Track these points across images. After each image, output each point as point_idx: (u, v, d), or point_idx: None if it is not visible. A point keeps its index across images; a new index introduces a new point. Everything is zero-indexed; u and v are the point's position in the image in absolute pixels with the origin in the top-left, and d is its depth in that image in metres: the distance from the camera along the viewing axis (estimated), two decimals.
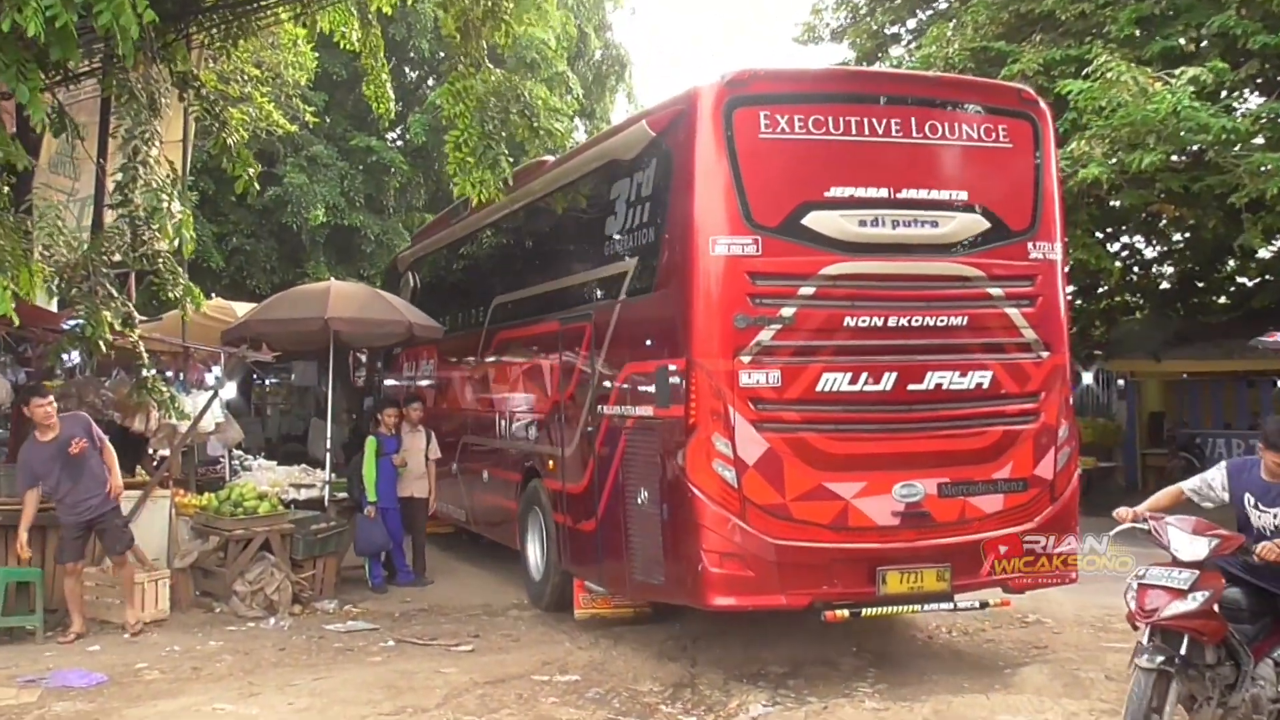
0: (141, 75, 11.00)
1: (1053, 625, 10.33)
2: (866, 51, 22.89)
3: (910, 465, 8.64)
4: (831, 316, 8.57)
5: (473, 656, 9.27)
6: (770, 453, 8.37)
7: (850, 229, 8.66)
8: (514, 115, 11.67)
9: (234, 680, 8.44)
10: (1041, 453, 9.06)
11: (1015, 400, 9.03)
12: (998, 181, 9.30)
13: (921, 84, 10.46)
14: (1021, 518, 8.92)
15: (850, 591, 8.49)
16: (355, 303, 12.93)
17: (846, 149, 8.84)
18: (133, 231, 11.27)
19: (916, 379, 8.70)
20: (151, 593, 10.48)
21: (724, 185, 8.59)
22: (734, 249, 8.49)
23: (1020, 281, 9.12)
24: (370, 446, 12.34)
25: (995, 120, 9.28)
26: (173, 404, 11.71)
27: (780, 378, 8.45)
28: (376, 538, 12.20)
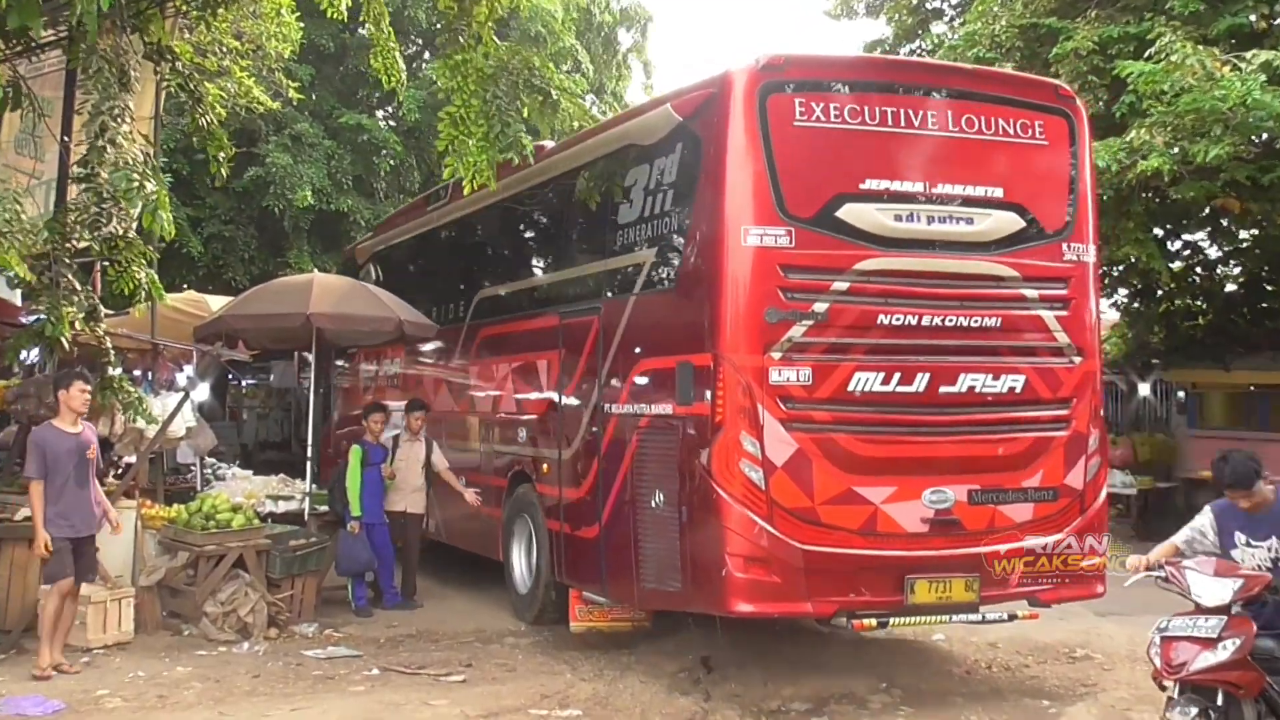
0: (111, 46, 11.00)
1: (1102, 661, 10.31)
2: (905, 28, 22.84)
3: (941, 470, 9.01)
4: (865, 313, 8.87)
5: (464, 688, 9.26)
6: (799, 454, 8.65)
7: (886, 223, 8.97)
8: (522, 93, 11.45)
9: (203, 710, 8.44)
10: (1072, 462, 9.43)
11: (1047, 406, 9.41)
12: (1033, 179, 9.67)
13: (958, 75, 10.70)
14: (1051, 528, 9.28)
15: (878, 600, 8.84)
16: (340, 297, 12.92)
17: (882, 140, 9.15)
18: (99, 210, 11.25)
19: (949, 381, 9.05)
20: (114, 613, 10.46)
21: (757, 173, 8.81)
22: (766, 240, 8.74)
23: (1054, 284, 9.47)
24: (355, 456, 12.31)
25: (1031, 115, 9.62)
26: (140, 406, 11.73)
27: (811, 376, 8.75)
28: (360, 556, 12.15)
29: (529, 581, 11.81)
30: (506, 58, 11.60)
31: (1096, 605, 12.84)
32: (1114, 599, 12.26)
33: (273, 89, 19.45)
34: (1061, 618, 12.31)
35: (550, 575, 11.33)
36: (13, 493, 11.51)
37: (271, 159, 23.63)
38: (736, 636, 11.10)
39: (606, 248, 10.73)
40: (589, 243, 11.36)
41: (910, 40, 23.10)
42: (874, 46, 23.25)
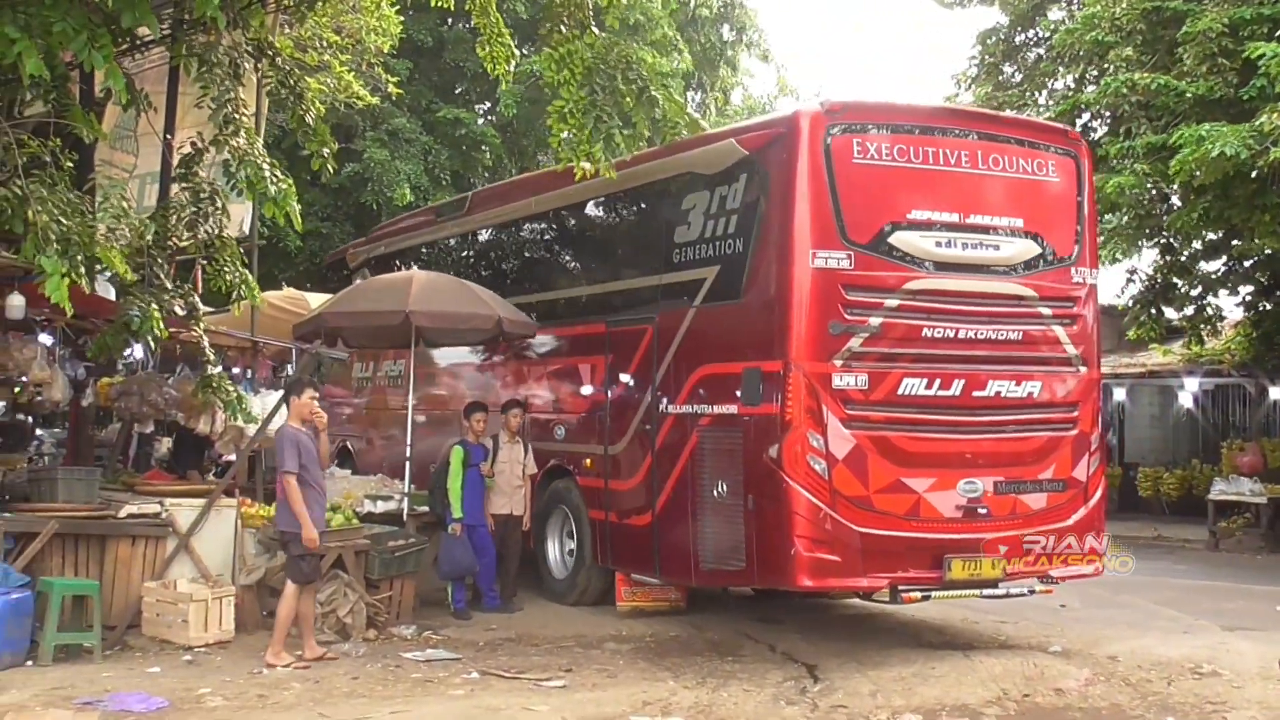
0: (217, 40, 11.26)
1: (1231, 678, 10.07)
2: (1021, 14, 22.60)
3: (971, 464, 10.70)
4: (912, 327, 10.54)
5: (564, 693, 9.28)
6: (857, 449, 10.25)
7: (929, 248, 10.65)
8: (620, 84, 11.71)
9: (303, 710, 8.54)
10: (1078, 457, 11.24)
11: (1058, 409, 11.21)
12: (1047, 211, 11.41)
13: (985, 120, 12.34)
14: (1061, 515, 11.05)
15: (921, 576, 10.39)
16: (440, 294, 12.99)
17: (925, 176, 10.80)
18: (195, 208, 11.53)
19: (980, 386, 10.75)
20: (215, 611, 10.66)
21: (822, 204, 10.39)
22: (830, 262, 10.30)
23: (1065, 303, 11.28)
24: (456, 456, 12.38)
25: (1046, 156, 11.46)
26: (239, 405, 11.93)
27: (867, 381, 10.33)
28: (462, 559, 12.22)
29: (566, 568, 13.22)
30: (605, 50, 11.83)
31: (1226, 620, 12.68)
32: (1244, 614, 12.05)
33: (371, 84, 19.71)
34: (1186, 631, 12.16)
35: (592, 561, 12.73)
36: (115, 489, 11.82)
37: (369, 154, 23.94)
38: (842, 646, 11.12)
39: (662, 263, 12.09)
40: (641, 258, 12.73)
41: (1026, 27, 22.83)
42: (987, 35, 23.03)
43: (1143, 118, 17.75)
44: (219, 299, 13.18)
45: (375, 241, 18.72)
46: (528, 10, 25.81)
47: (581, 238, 14.35)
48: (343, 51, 18.03)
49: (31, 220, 9.62)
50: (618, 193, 13.13)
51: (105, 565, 10.81)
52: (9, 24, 8.68)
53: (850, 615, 13.00)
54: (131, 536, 10.98)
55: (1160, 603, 14.04)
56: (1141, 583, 15.55)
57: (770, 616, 12.66)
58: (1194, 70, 16.90)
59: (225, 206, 11.82)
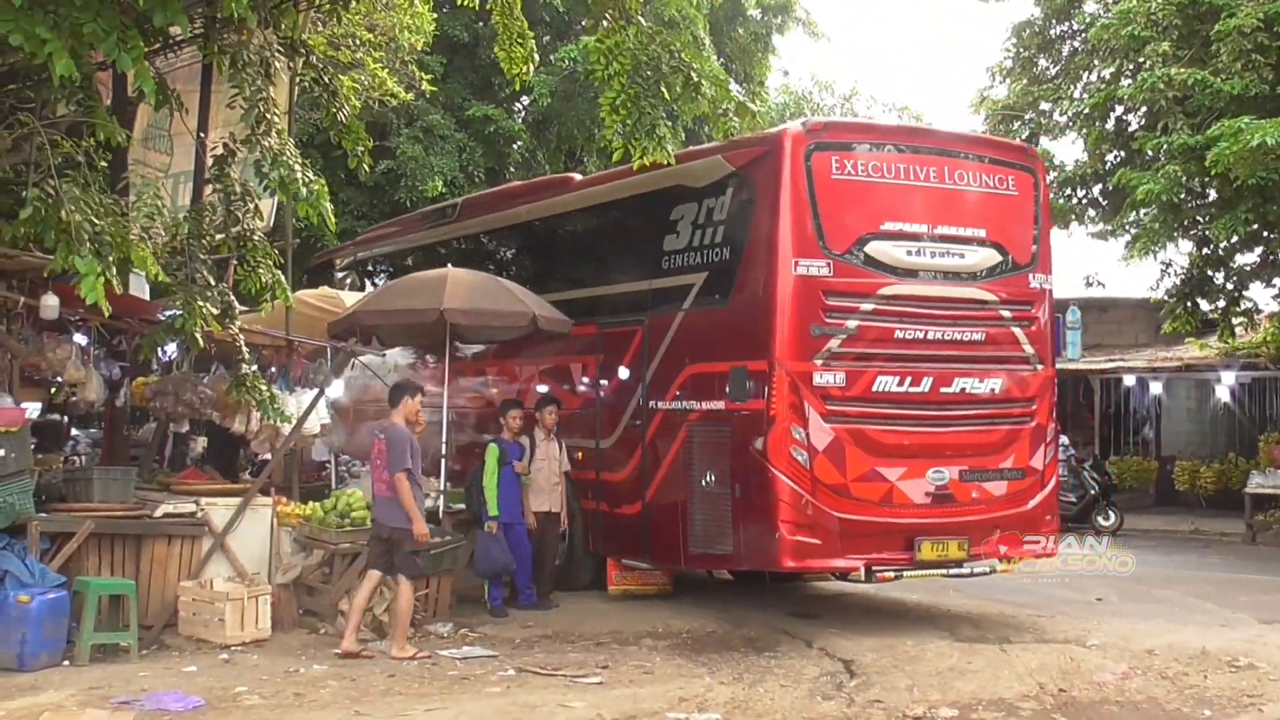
0: (249, 40, 11.25)
1: (1268, 671, 9.96)
2: (1056, 8, 22.41)
3: (939, 455, 11.72)
4: (885, 329, 11.56)
5: (601, 689, 9.27)
6: (835, 441, 11.28)
7: (901, 257, 11.69)
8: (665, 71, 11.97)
9: (340, 709, 8.54)
10: (1035, 448, 12.31)
11: (1017, 404, 12.26)
12: (1007, 222, 12.43)
13: (951, 139, 13.11)
14: (1020, 501, 12.11)
15: (894, 557, 11.38)
16: (475, 291, 12.98)
17: (897, 190, 11.81)
18: (227, 209, 11.53)
19: (947, 383, 11.77)
20: (252, 610, 10.67)
21: (804, 216, 11.37)
22: (812, 270, 11.31)
23: (1023, 306, 12.36)
24: (492, 454, 12.36)
25: (1006, 171, 12.50)
26: (274, 404, 11.93)
27: (845, 379, 11.38)
28: (498, 557, 12.19)
29: (562, 554, 13.51)
30: (648, 40, 11.94)
31: (1263, 613, 12.55)
32: None
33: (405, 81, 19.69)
34: (1223, 625, 12.06)
35: (584, 549, 13.66)
36: (151, 489, 11.83)
37: (403, 151, 23.95)
38: (879, 641, 11.09)
39: (650, 269, 13.05)
40: (629, 263, 13.58)
41: (1061, 20, 22.67)
42: (1023, 28, 22.86)
43: (1179, 113, 17.58)
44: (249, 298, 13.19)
45: (362, 245, 19.01)
46: (564, 3, 25.77)
47: (573, 244, 14.87)
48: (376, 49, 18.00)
49: (65, 221, 9.64)
50: (610, 202, 14.13)
51: (141, 565, 10.85)
52: (40, 24, 8.68)
53: (886, 610, 12.97)
54: (168, 536, 11.01)
55: (1197, 596, 13.92)
56: (1178, 576, 15.49)
57: (806, 612, 12.63)
58: (1229, 67, 16.73)
59: (258, 206, 11.82)
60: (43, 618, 9.68)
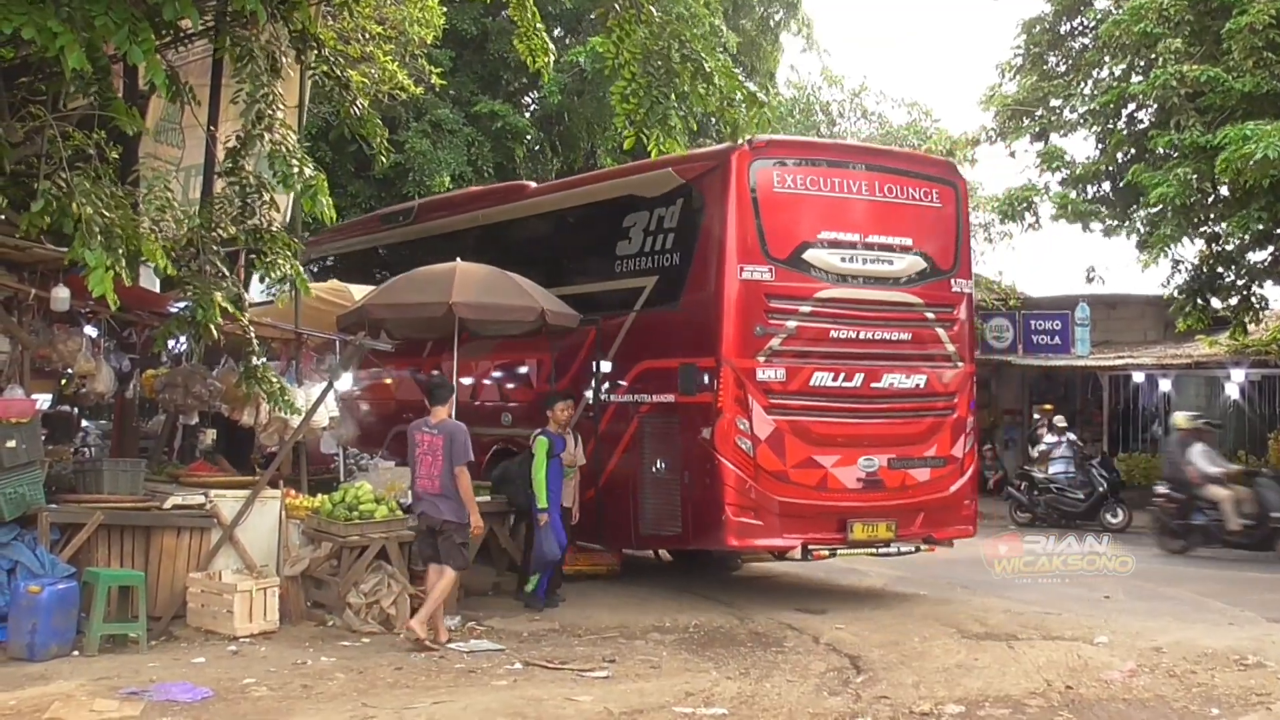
0: (258, 34, 11.27)
1: (1276, 669, 9.94)
2: (1067, 4, 22.32)
3: (870, 444, 12.83)
4: (822, 329, 12.71)
5: (608, 684, 9.29)
6: (776, 431, 12.37)
7: (835, 263, 12.83)
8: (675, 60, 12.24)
9: (347, 701, 8.57)
10: (956, 438, 13.43)
11: (940, 398, 13.41)
12: (931, 232, 13.50)
13: (881, 155, 14.96)
14: (942, 486, 13.26)
15: (829, 537, 12.59)
16: (482, 285, 12.98)
17: (832, 202, 12.99)
18: (242, 202, 11.56)
19: (877, 379, 12.91)
20: (260, 602, 10.71)
21: (749, 226, 12.46)
22: (755, 275, 12.41)
23: (946, 308, 13.52)
24: (540, 446, 12.27)
25: (931, 185, 13.60)
26: (283, 396, 11.95)
27: (785, 374, 12.49)
28: (550, 550, 12.15)
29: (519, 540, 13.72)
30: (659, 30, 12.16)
31: (1272, 611, 12.54)
32: None
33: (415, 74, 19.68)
34: (1231, 623, 12.05)
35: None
36: (161, 480, 11.87)
37: (411, 145, 23.97)
38: (885, 638, 11.12)
39: (602, 272, 14.11)
40: (581, 267, 14.46)
41: (1072, 16, 22.58)
42: (1033, 24, 22.80)
43: (1191, 110, 17.54)
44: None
45: (319, 245, 19.15)
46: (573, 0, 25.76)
47: (528, 249, 15.25)
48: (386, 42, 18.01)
49: (77, 212, 9.67)
50: (564, 210, 15.20)
51: (150, 556, 10.90)
52: (52, 18, 8.72)
53: (892, 607, 13.00)
54: (177, 528, 11.06)
55: (1205, 594, 13.90)
56: (1186, 574, 15.47)
57: (813, 607, 12.64)
58: (1241, 64, 16.70)
59: (274, 199, 11.85)
60: (52, 608, 9.72)
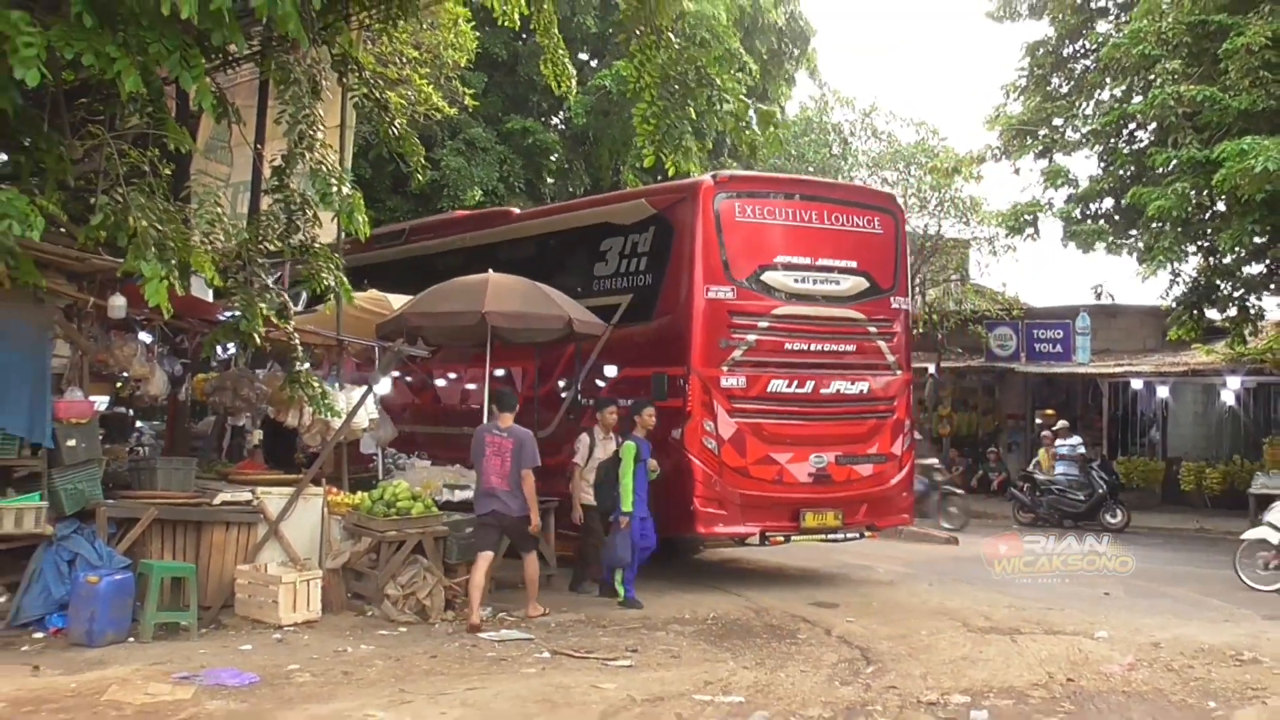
0: (301, 58, 11.36)
1: (1271, 665, 9.89)
2: (1069, 28, 22.31)
3: (819, 443, 13.71)
4: (777, 342, 13.57)
5: (630, 672, 9.30)
6: (738, 432, 13.21)
7: (789, 284, 13.68)
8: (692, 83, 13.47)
9: (385, 686, 8.61)
10: (895, 437, 14.38)
11: (881, 402, 14.32)
12: (873, 255, 14.31)
13: (829, 188, 16.23)
14: (883, 480, 14.21)
15: (783, 525, 13.43)
16: (514, 295, 13.00)
17: (787, 230, 13.84)
18: (288, 218, 11.66)
19: (825, 385, 13.85)
20: (303, 593, 10.76)
21: (714, 251, 13.30)
22: (720, 294, 13.29)
23: (886, 323, 14.39)
24: (629, 452, 12.25)
25: (873, 214, 14.49)
26: (324, 400, 12.02)
27: (745, 382, 13.37)
28: (623, 552, 12.16)
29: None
30: (677, 56, 12.74)
31: (1267, 609, 12.49)
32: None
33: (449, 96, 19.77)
34: (1228, 620, 12.00)
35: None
36: (210, 478, 11.96)
37: (446, 162, 24.08)
38: (894, 630, 11.11)
39: (583, 291, 14.40)
40: (566, 286, 14.09)
41: (1074, 39, 22.55)
42: (1036, 47, 22.78)
43: (1189, 128, 17.50)
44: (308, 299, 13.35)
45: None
46: (597, 25, 25.82)
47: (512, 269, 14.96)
48: (422, 66, 18.11)
49: (133, 225, 9.77)
50: (546, 234, 15.89)
51: (201, 549, 10.95)
52: (110, 44, 8.82)
53: (901, 602, 12.97)
54: (225, 522, 11.12)
55: (1202, 593, 13.84)
56: (1184, 573, 15.40)
57: (825, 601, 12.66)
58: (1237, 84, 16.65)
59: (317, 215, 11.95)
60: (109, 597, 9.78)
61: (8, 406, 10.07)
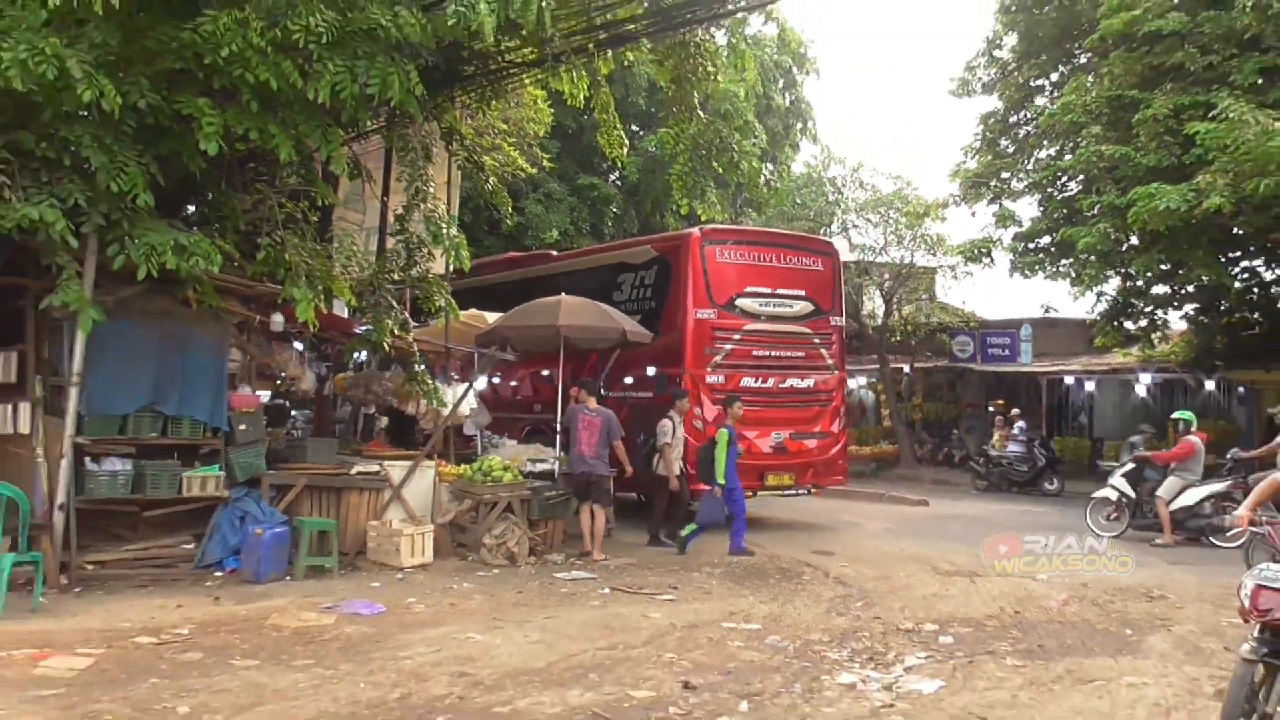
0: (417, 131, 11.44)
1: (1175, 600, 9.75)
2: (1013, 101, 22.04)
3: (777, 424, 14.30)
4: (747, 350, 14.18)
5: (672, 605, 9.31)
6: (718, 416, 13.25)
7: (756, 307, 14.33)
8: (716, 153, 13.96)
9: (482, 615, 8.66)
10: (833, 419, 15.06)
11: (823, 393, 14.93)
12: (817, 286, 14.98)
13: (785, 237, 16.29)
14: (825, 450, 14.82)
15: (752, 484, 13.51)
16: (582, 312, 13.12)
17: (754, 268, 14.44)
18: (407, 255, 11.75)
19: (782, 381, 14.49)
20: (419, 543, 10.83)
21: (701, 284, 13.95)
22: (705, 315, 13.95)
23: (826, 335, 15.05)
24: (723, 436, 12.08)
25: (816, 256, 15.25)
26: (435, 394, 12.10)
27: (724, 379, 13.94)
28: (716, 515, 11.97)
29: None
30: (705, 129, 12.87)
31: (1169, 555, 12.30)
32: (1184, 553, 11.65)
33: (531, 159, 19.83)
34: (1141, 565, 11.75)
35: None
36: (348, 454, 12.05)
37: (528, 210, 24.14)
38: (878, 573, 11.03)
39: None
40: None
41: (1018, 110, 22.26)
42: (988, 117, 22.53)
43: (1109, 179, 17.28)
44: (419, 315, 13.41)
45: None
46: (646, 103, 25.82)
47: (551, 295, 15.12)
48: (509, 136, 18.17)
49: (289, 260, 9.86)
50: (577, 270, 16.13)
51: (340, 509, 11.04)
52: (270, 123, 8.94)
53: (884, 552, 12.83)
54: (359, 488, 11.19)
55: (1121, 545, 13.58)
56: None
57: (824, 550, 12.55)
58: (1146, 145, 16.46)
59: (431, 252, 12.02)
60: (271, 545, 9.92)
61: (196, 400, 10.18)
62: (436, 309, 12.22)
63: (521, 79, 14.09)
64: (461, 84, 12.90)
